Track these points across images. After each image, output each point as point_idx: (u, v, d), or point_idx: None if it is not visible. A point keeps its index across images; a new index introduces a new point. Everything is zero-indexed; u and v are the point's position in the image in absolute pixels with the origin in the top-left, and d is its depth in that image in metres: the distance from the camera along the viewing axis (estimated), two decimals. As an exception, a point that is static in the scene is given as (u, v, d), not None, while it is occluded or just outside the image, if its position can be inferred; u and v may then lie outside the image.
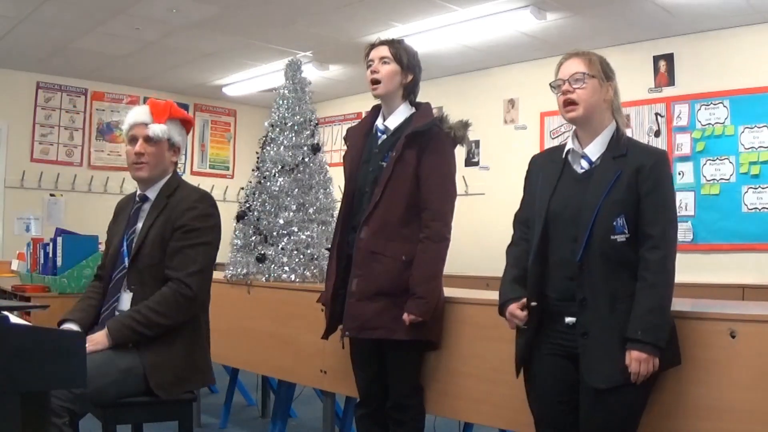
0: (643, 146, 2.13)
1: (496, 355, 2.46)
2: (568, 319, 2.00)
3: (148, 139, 2.46)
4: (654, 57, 5.54)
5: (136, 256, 2.40)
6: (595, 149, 2.05)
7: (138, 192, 2.55)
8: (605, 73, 2.06)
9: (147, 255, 2.39)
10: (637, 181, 1.95)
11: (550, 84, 2.13)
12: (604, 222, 1.94)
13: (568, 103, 2.05)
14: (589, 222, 1.95)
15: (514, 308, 2.08)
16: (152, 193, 2.50)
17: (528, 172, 2.25)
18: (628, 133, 2.14)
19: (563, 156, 2.12)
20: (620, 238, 1.94)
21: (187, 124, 2.62)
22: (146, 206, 2.50)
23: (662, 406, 2.02)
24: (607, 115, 2.07)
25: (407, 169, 2.51)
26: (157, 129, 2.47)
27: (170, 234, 2.38)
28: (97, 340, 2.24)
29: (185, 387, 2.39)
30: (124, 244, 2.46)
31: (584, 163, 2.07)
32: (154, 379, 2.30)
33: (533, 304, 2.05)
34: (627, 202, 1.94)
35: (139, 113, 2.52)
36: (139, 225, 2.47)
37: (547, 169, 2.14)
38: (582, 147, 2.08)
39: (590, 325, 1.93)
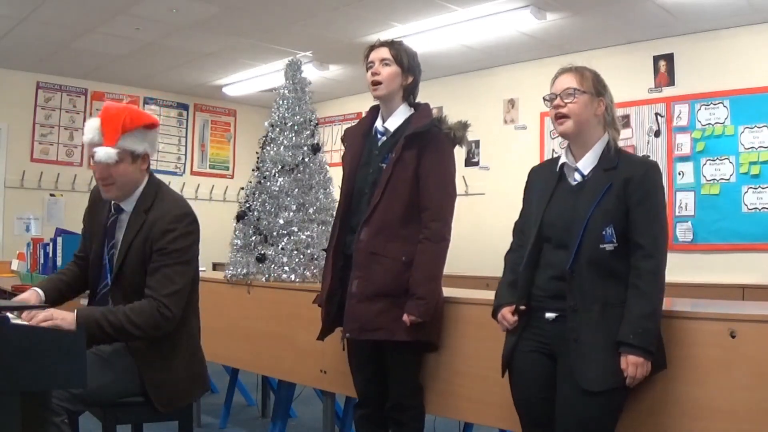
0: (633, 158, 2.18)
1: (496, 355, 2.45)
2: (549, 315, 2.08)
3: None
4: (654, 57, 5.54)
5: (119, 274, 2.34)
6: (586, 163, 2.12)
7: (112, 202, 2.40)
8: (596, 89, 2.12)
9: (129, 275, 2.32)
10: (626, 192, 2.01)
11: (543, 97, 2.19)
12: (594, 231, 2.00)
13: (559, 117, 2.12)
14: (579, 231, 2.01)
15: (506, 312, 2.18)
16: (128, 206, 2.36)
17: (527, 183, 2.33)
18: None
19: (558, 168, 2.18)
20: (608, 247, 1.99)
21: (150, 127, 2.37)
22: (123, 217, 2.37)
23: (662, 407, 2.02)
24: (599, 129, 2.13)
25: (407, 170, 2.51)
26: (103, 154, 2.23)
27: (149, 254, 2.29)
28: (65, 317, 2.10)
29: (187, 400, 2.40)
30: (105, 257, 2.39)
31: (577, 176, 2.13)
32: (157, 398, 2.29)
33: (522, 307, 2.14)
34: (616, 213, 2.00)
35: (90, 130, 2.28)
36: (119, 237, 2.37)
37: (544, 181, 2.22)
38: (575, 160, 2.14)
39: (581, 331, 1.98)
